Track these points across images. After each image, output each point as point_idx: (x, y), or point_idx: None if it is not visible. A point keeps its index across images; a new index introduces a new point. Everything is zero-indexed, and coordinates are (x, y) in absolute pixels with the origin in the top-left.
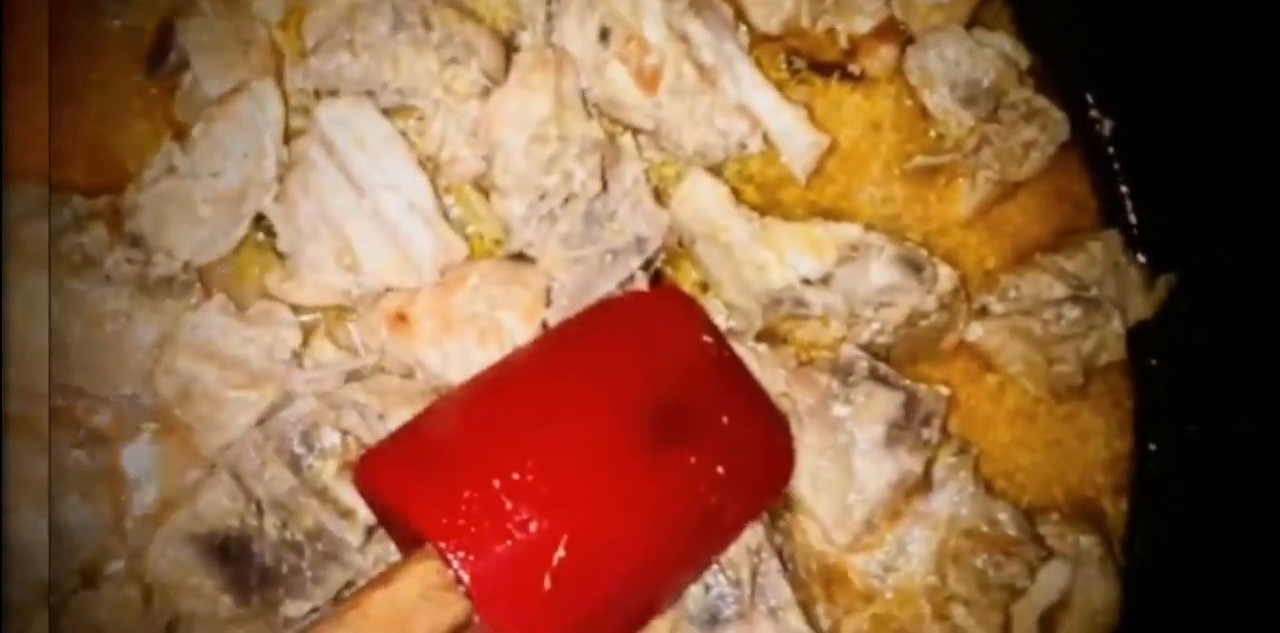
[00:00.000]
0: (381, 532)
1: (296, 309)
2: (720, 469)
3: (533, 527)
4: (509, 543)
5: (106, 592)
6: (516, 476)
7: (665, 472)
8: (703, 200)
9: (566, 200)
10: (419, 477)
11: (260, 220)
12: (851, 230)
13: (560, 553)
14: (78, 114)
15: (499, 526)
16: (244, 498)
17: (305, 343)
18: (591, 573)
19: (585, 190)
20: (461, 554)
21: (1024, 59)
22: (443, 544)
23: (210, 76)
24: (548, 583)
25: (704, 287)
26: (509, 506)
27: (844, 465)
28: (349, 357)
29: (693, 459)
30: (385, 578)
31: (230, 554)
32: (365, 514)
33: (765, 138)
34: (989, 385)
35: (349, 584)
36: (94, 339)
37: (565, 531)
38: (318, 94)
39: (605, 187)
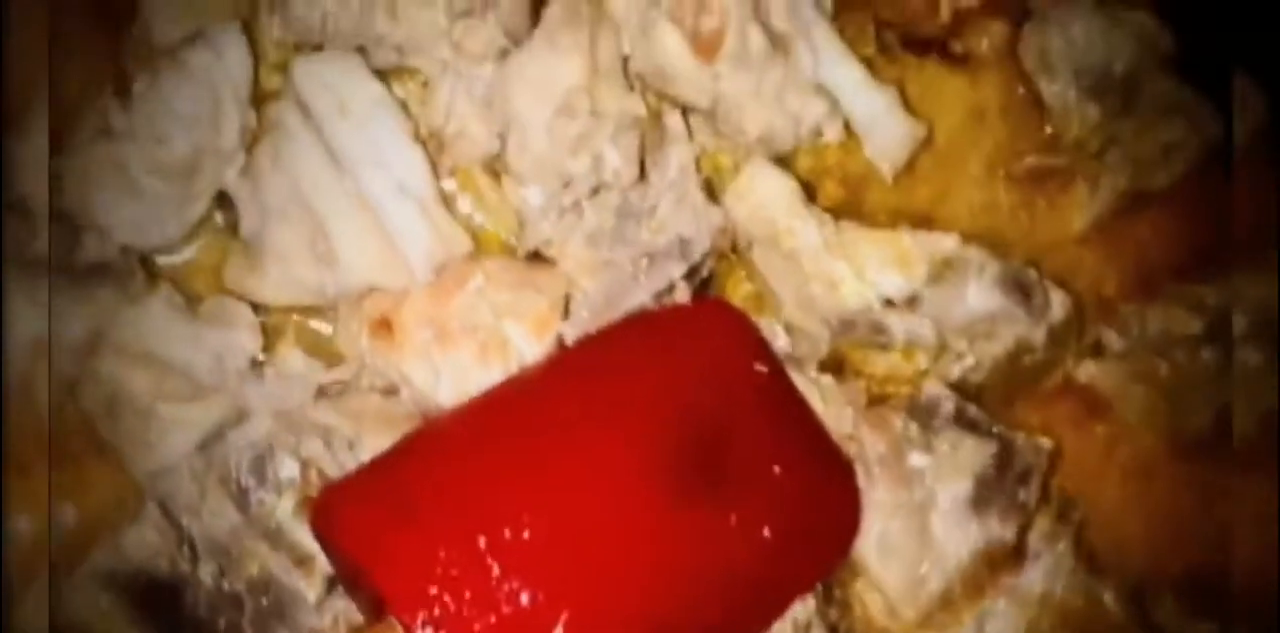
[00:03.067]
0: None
1: (259, 308)
2: (767, 531)
3: (524, 599)
4: (493, 620)
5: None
6: (508, 532)
7: (698, 534)
8: (765, 196)
9: (596, 191)
10: (386, 526)
11: (222, 200)
12: (947, 241)
13: None
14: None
15: (482, 597)
16: (175, 536)
17: (267, 349)
18: None
19: (619, 179)
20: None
21: (1166, 41)
22: (409, 618)
23: (163, 20)
24: None
25: (760, 303)
26: (496, 571)
27: (920, 528)
28: (320, 368)
29: (733, 518)
30: None
31: (155, 603)
32: (326, 563)
33: (846, 125)
34: (1098, 435)
35: None
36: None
37: (565, 606)
38: (297, 48)
39: (644, 174)
